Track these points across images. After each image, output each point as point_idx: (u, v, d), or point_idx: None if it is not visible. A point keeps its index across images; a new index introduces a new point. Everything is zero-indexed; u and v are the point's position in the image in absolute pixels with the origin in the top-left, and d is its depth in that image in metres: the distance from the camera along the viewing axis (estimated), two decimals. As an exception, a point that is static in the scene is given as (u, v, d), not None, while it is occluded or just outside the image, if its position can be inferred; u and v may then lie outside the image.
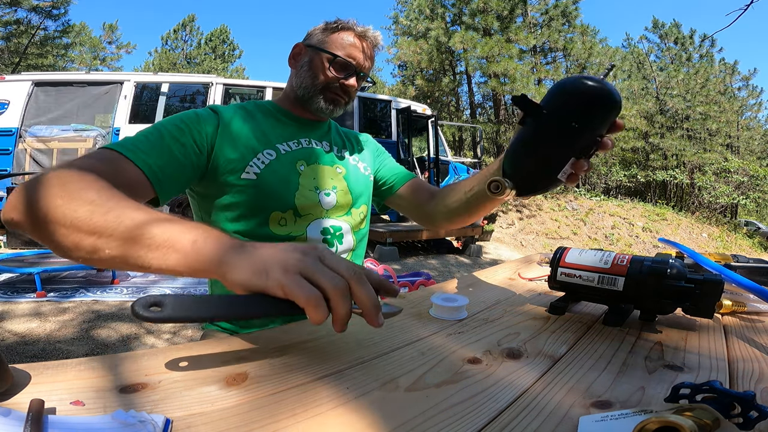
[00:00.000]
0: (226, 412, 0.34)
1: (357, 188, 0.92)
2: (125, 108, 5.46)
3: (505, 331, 0.57)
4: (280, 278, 0.39)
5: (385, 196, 1.04)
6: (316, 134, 0.93)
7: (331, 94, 0.88)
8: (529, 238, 8.29)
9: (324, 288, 0.39)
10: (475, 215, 0.86)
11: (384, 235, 5.34)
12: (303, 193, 0.83)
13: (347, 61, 0.86)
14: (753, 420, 0.30)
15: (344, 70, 0.87)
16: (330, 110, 0.89)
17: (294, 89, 0.91)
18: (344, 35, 0.87)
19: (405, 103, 7.04)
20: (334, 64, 0.86)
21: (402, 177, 1.03)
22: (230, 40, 25.65)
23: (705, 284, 0.56)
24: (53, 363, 0.40)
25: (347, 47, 0.86)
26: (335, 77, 0.86)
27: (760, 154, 22.49)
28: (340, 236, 0.87)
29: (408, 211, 1.04)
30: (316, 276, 0.39)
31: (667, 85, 17.76)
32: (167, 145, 0.71)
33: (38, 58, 15.97)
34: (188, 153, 0.74)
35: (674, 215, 11.54)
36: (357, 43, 0.87)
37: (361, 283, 0.41)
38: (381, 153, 1.07)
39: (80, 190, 0.48)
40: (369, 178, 0.98)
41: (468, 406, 0.37)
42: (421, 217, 1.01)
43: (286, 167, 0.84)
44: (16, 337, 2.41)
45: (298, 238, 0.82)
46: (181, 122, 0.75)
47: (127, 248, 0.44)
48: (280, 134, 0.87)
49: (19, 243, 4.88)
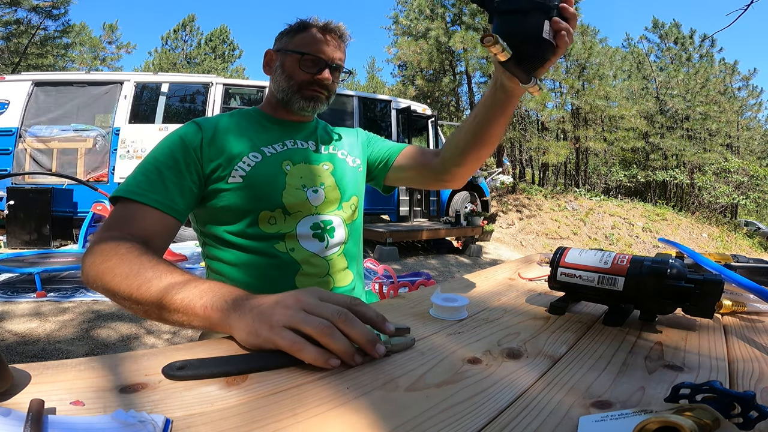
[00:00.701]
0: (226, 412, 0.34)
1: (345, 182, 0.95)
2: (125, 108, 5.45)
3: (505, 331, 0.57)
4: (267, 335, 0.43)
5: (384, 174, 1.04)
6: (302, 135, 0.96)
7: (308, 91, 0.90)
8: (529, 238, 8.29)
9: (309, 334, 0.43)
10: (487, 139, 0.83)
11: (384, 235, 5.34)
12: (290, 192, 0.86)
13: (315, 56, 0.89)
14: (753, 420, 0.30)
15: (315, 66, 0.89)
16: (311, 107, 0.92)
17: (274, 94, 0.95)
18: (308, 33, 0.90)
19: (405, 103, 7.04)
20: (303, 63, 0.89)
21: (396, 149, 1.03)
22: (230, 40, 25.64)
23: (705, 284, 0.56)
24: (53, 363, 0.41)
25: (313, 43, 0.89)
26: (308, 74, 0.89)
27: (760, 154, 22.49)
28: (331, 230, 0.90)
29: (414, 177, 1.01)
30: (300, 325, 0.43)
31: (667, 85, 17.76)
32: (167, 178, 0.78)
33: (38, 58, 15.96)
34: (185, 177, 0.80)
35: (674, 215, 11.54)
36: (321, 37, 0.90)
37: (348, 323, 0.44)
38: (371, 138, 1.08)
39: (116, 268, 0.60)
40: (358, 169, 1.00)
41: (468, 406, 0.37)
42: (429, 177, 0.98)
43: (272, 168, 0.87)
44: (16, 337, 2.41)
45: (287, 235, 0.85)
46: (170, 153, 0.81)
47: (160, 312, 0.54)
48: (265, 138, 0.91)
49: (19, 243, 4.88)
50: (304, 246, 0.87)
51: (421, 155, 0.99)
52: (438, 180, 0.97)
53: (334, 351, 0.43)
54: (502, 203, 9.75)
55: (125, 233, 0.69)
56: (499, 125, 0.80)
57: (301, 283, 0.86)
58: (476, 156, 0.87)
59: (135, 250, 0.62)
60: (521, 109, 14.92)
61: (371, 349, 0.44)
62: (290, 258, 0.85)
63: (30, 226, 4.93)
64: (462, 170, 0.92)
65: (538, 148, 12.60)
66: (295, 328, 0.43)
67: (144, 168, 0.79)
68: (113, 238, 0.66)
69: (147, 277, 0.57)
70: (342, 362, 0.43)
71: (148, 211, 0.74)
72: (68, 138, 5.41)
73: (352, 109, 6.41)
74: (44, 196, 5.00)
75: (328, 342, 0.42)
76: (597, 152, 18.69)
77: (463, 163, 0.89)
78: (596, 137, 14.70)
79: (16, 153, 5.24)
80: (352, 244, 0.95)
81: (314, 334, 0.43)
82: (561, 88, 14.95)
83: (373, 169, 1.05)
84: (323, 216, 0.89)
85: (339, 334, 0.43)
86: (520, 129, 13.87)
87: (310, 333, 0.43)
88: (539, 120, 15.48)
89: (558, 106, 14.41)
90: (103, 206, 4.13)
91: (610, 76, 15.36)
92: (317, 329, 0.43)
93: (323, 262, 0.88)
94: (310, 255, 0.87)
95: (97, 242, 0.66)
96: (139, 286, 0.56)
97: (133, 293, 0.56)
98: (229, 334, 0.49)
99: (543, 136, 14.09)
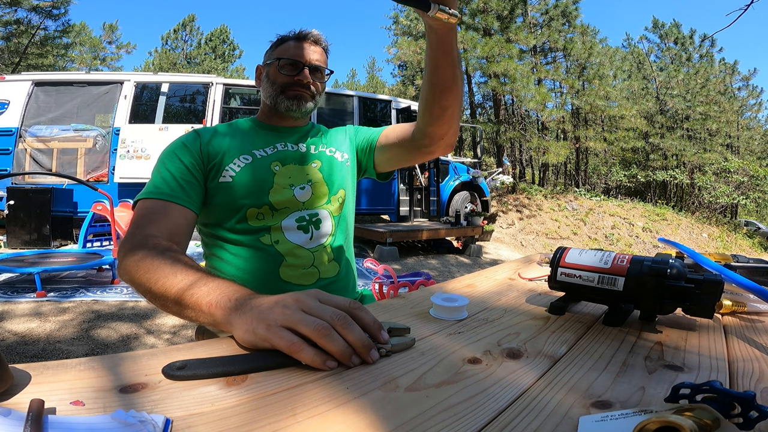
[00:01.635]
0: (226, 412, 0.34)
1: (333, 177, 1.00)
2: (125, 108, 5.44)
3: (505, 331, 0.57)
4: (264, 334, 0.44)
5: (372, 159, 1.06)
6: (293, 138, 1.02)
7: (291, 91, 0.97)
8: (529, 238, 8.29)
9: (306, 334, 0.43)
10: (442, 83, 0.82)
11: (384, 235, 5.34)
12: (277, 190, 0.93)
13: (292, 59, 0.97)
14: (753, 420, 0.30)
15: (294, 68, 0.97)
16: (296, 105, 0.98)
17: (265, 102, 1.02)
18: (285, 44, 0.99)
19: (405, 103, 7.04)
20: (283, 67, 0.97)
21: (377, 131, 1.06)
22: (230, 40, 25.65)
23: (705, 284, 0.56)
24: (53, 363, 0.41)
25: (289, 50, 0.98)
26: (288, 76, 0.97)
27: (760, 154, 22.49)
28: (317, 222, 0.95)
29: (399, 153, 1.01)
30: (297, 326, 0.43)
31: (667, 85, 17.77)
32: (179, 177, 0.86)
33: (38, 58, 15.96)
34: (193, 175, 0.89)
35: (674, 215, 11.54)
36: (297, 44, 0.98)
37: (345, 326, 0.44)
38: (358, 130, 1.12)
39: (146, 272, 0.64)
40: (346, 164, 1.05)
41: (468, 406, 0.37)
42: (413, 149, 0.97)
43: (261, 169, 0.93)
44: (16, 337, 2.41)
45: (273, 227, 0.92)
46: (176, 157, 0.89)
47: (178, 308, 0.58)
48: (257, 142, 0.98)
49: (19, 243, 4.88)
50: (289, 238, 0.92)
51: (400, 129, 1.00)
52: (422, 149, 0.95)
53: (331, 352, 0.43)
54: (502, 203, 9.76)
55: (153, 230, 0.76)
56: (444, 66, 0.80)
57: (285, 274, 0.90)
58: (441, 106, 0.85)
59: (160, 247, 0.68)
60: (521, 109, 14.93)
61: (366, 354, 0.44)
62: (274, 250, 0.90)
63: (30, 226, 4.93)
64: (436, 129, 0.89)
65: (538, 148, 12.59)
66: (292, 329, 0.44)
67: (157, 173, 0.88)
68: (142, 235, 0.74)
69: (165, 273, 0.61)
70: (339, 363, 0.43)
71: (169, 207, 0.82)
72: (68, 138, 5.41)
73: (352, 109, 6.42)
74: (44, 196, 5.00)
75: (324, 343, 0.43)
76: (597, 152, 18.70)
77: (433, 118, 0.87)
78: (596, 137, 14.70)
79: (16, 153, 5.24)
80: (339, 236, 0.99)
81: (311, 335, 0.43)
82: (561, 88, 14.96)
83: (362, 158, 1.08)
84: (309, 210, 0.95)
85: (336, 335, 0.43)
86: (520, 129, 13.87)
87: (307, 334, 0.43)
88: (539, 120, 15.49)
89: (558, 106, 14.42)
90: (103, 206, 4.12)
91: (610, 76, 15.38)
92: (315, 330, 0.43)
93: (307, 253, 0.92)
94: (294, 246, 0.91)
95: (128, 239, 0.74)
96: (159, 281, 0.61)
97: (152, 287, 0.61)
98: (231, 333, 0.49)
99: (543, 136, 14.08)
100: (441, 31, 0.73)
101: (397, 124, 1.04)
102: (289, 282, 0.90)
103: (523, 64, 12.71)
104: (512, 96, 13.23)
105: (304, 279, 0.92)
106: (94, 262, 3.42)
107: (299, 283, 0.91)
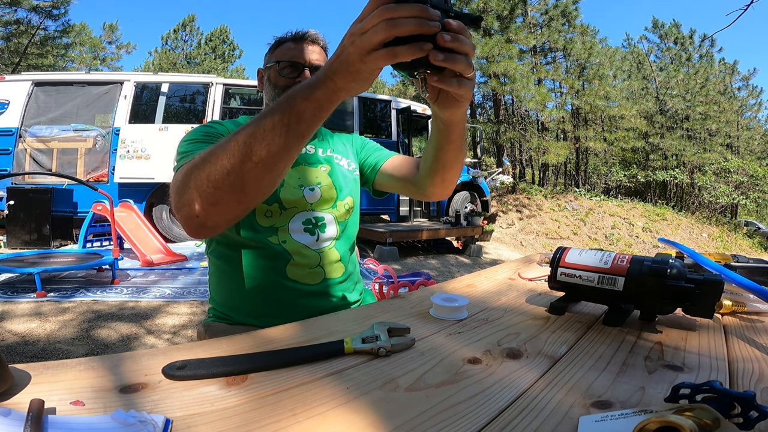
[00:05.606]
0: (226, 412, 0.34)
1: (341, 183, 1.00)
2: (125, 108, 5.44)
3: (505, 331, 0.57)
4: (345, 43, 0.48)
5: (373, 178, 1.08)
6: None
7: None
8: (529, 238, 8.29)
9: (373, 23, 0.45)
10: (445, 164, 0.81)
11: (384, 235, 5.34)
12: (287, 189, 0.93)
13: (291, 61, 0.97)
14: (753, 420, 0.30)
15: (295, 70, 0.97)
16: None
17: (268, 104, 1.01)
18: (283, 46, 0.99)
19: (405, 103, 7.04)
20: (283, 70, 0.97)
21: (385, 155, 1.07)
22: (230, 40, 25.65)
23: (705, 284, 0.56)
24: (53, 363, 0.41)
25: (288, 52, 0.98)
26: (289, 79, 0.97)
27: (760, 154, 22.50)
28: (322, 226, 0.95)
29: (399, 187, 1.04)
30: (364, 26, 0.46)
31: (667, 85, 17.77)
32: (214, 139, 0.83)
33: (38, 58, 15.96)
34: None
35: (674, 215, 11.54)
36: (295, 45, 0.98)
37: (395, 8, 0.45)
38: (365, 144, 1.13)
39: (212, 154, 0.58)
40: (354, 173, 1.06)
41: (468, 406, 0.37)
42: (412, 191, 0.99)
43: None
44: (16, 337, 2.41)
45: (280, 229, 0.91)
46: (202, 135, 0.87)
47: (283, 121, 0.54)
48: None
49: (19, 243, 4.88)
50: (296, 238, 0.92)
51: (405, 167, 1.02)
52: (420, 194, 0.98)
53: (405, 15, 0.43)
54: (502, 203, 9.76)
55: None
56: (449, 152, 0.78)
57: (292, 272, 0.91)
58: (442, 178, 0.87)
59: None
60: (521, 109, 14.93)
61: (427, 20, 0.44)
62: (282, 248, 0.91)
63: (30, 226, 4.93)
64: (436, 190, 0.92)
65: (538, 148, 12.59)
66: (362, 28, 0.46)
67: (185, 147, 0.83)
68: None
69: (248, 122, 0.57)
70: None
71: None
72: (68, 138, 5.41)
73: (352, 109, 6.41)
74: (44, 196, 5.00)
75: (393, 13, 0.43)
76: (597, 152, 18.70)
77: (433, 184, 0.90)
78: (596, 137, 14.70)
79: (16, 153, 5.24)
80: (343, 243, 0.99)
81: (376, 16, 0.44)
82: (561, 88, 14.96)
83: (364, 173, 1.10)
84: (317, 213, 0.95)
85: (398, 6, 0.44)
86: (520, 129, 13.87)
87: (373, 19, 0.44)
88: (539, 120, 15.48)
89: (558, 106, 14.42)
90: (103, 206, 4.12)
91: (610, 76, 15.37)
92: (377, 13, 0.44)
93: (314, 253, 0.93)
94: (301, 246, 0.92)
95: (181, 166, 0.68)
96: (232, 140, 0.56)
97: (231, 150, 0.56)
98: (336, 88, 0.51)
99: (543, 136, 14.07)
100: (442, 119, 0.68)
101: (404, 157, 1.05)
102: (296, 281, 0.91)
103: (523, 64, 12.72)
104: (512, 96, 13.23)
105: (309, 278, 0.92)
106: (94, 262, 3.42)
107: (305, 282, 0.91)
